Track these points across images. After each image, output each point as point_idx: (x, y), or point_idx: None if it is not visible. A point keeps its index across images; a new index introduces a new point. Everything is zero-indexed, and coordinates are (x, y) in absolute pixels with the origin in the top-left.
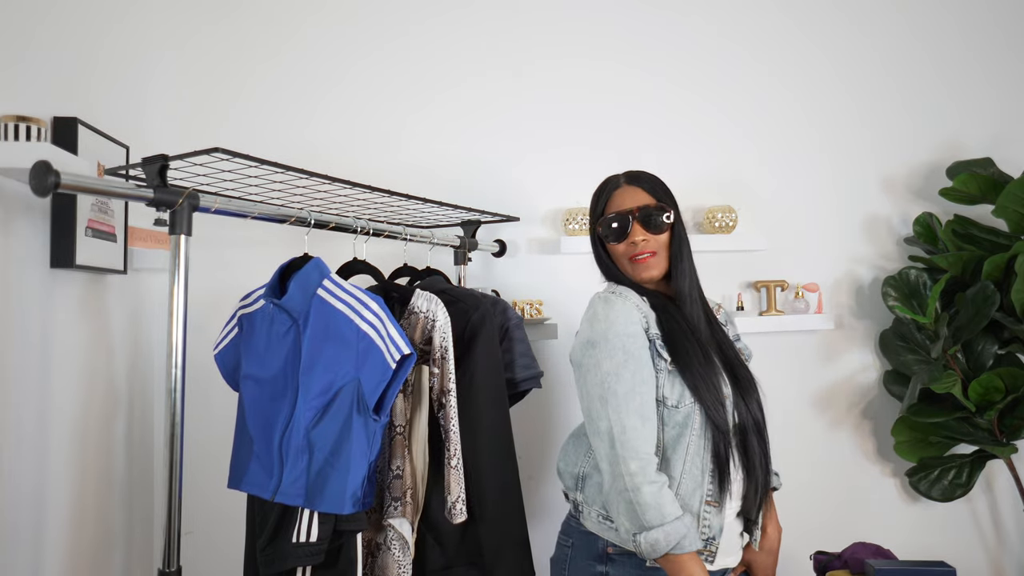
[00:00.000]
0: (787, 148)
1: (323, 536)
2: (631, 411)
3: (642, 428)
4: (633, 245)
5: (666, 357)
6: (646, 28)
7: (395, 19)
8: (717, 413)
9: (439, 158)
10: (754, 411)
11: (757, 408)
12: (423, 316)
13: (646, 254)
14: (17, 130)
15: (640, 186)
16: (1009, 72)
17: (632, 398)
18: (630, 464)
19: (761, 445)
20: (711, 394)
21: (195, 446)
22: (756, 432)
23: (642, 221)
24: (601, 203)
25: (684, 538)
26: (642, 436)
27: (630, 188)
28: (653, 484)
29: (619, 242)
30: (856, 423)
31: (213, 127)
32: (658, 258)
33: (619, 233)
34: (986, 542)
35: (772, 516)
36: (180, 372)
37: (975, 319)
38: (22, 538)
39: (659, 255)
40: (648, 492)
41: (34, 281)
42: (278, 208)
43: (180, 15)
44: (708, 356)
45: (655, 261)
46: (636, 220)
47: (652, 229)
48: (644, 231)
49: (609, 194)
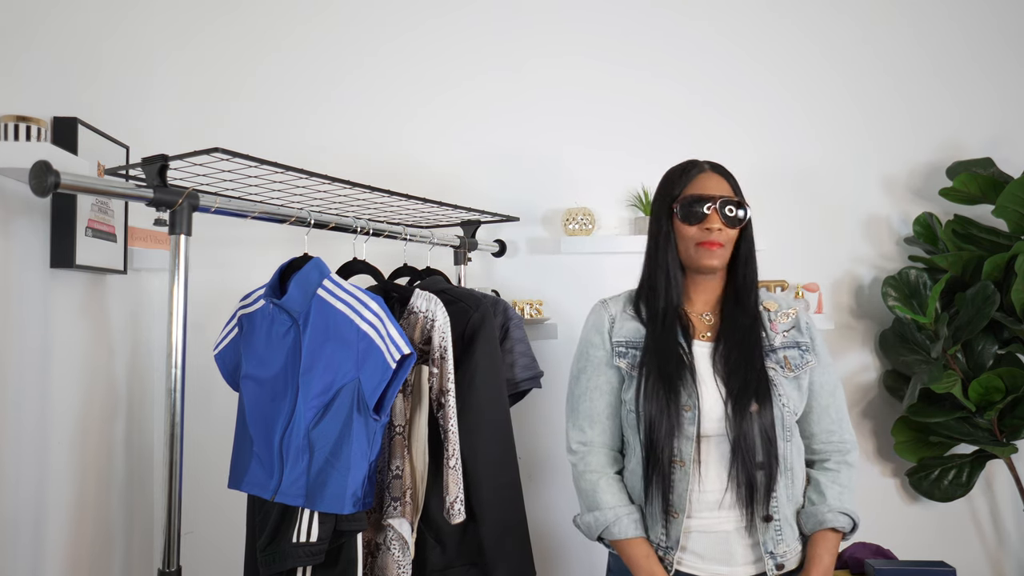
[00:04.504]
0: (787, 148)
1: (323, 536)
2: (580, 412)
3: (588, 428)
4: (707, 232)
5: (621, 365)
6: (646, 28)
7: (395, 19)
8: (653, 426)
9: (439, 157)
10: (744, 426)
11: (754, 426)
12: (422, 316)
13: (716, 244)
14: (17, 130)
15: (726, 178)
16: (1009, 72)
17: (583, 400)
18: (571, 456)
19: (747, 462)
20: (651, 404)
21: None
22: (744, 448)
23: (722, 211)
24: (683, 183)
25: (613, 524)
26: (587, 435)
27: (715, 176)
28: (593, 474)
29: (693, 224)
30: (856, 423)
31: (213, 127)
32: (723, 251)
33: (698, 216)
34: (986, 542)
35: (816, 560)
36: (180, 372)
37: (975, 319)
38: (22, 538)
39: (725, 248)
40: (586, 481)
41: (34, 281)
42: (278, 208)
43: (180, 16)
44: (667, 369)
45: (720, 252)
46: (716, 208)
47: (729, 222)
48: (721, 221)
49: (693, 176)
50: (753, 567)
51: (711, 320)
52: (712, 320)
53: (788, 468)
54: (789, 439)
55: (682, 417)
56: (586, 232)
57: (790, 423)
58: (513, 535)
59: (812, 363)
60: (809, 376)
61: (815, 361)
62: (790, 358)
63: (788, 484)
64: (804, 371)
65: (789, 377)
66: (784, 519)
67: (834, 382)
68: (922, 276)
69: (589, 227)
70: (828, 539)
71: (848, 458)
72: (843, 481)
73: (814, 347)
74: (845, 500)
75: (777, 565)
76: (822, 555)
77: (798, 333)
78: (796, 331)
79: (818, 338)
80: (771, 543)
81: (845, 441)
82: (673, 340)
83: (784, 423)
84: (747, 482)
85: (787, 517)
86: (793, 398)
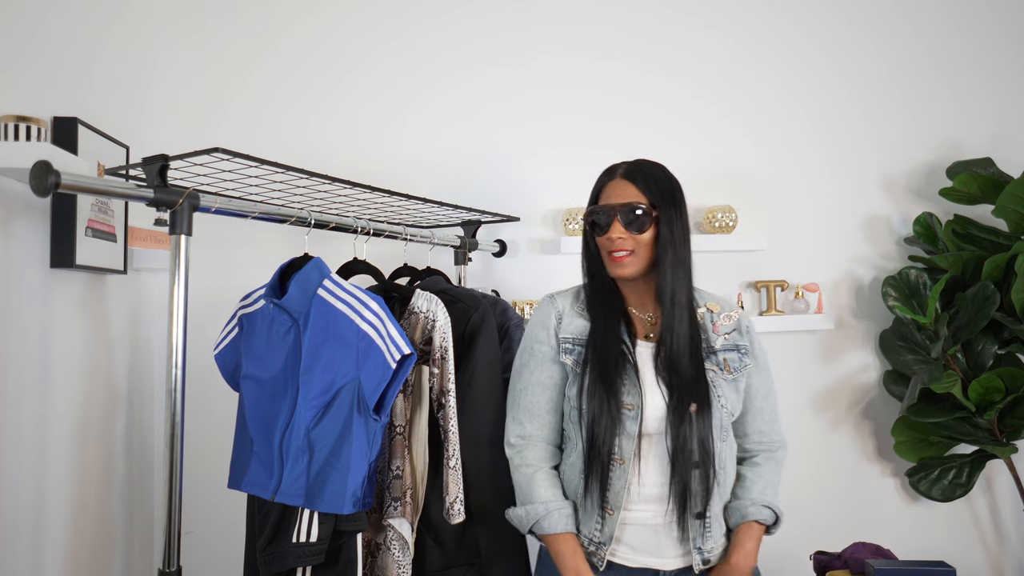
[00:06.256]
0: (787, 148)
1: (323, 536)
2: (521, 406)
3: (528, 422)
4: (610, 241)
5: (567, 362)
6: (646, 28)
7: (395, 18)
8: (595, 423)
9: (439, 158)
10: (683, 430)
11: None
12: (423, 316)
13: (622, 252)
14: (17, 130)
15: (634, 182)
16: (1009, 72)
17: (524, 395)
18: (508, 449)
19: (684, 461)
20: (594, 402)
21: (195, 446)
22: (683, 450)
23: (623, 219)
24: (594, 192)
25: (543, 519)
26: (526, 428)
27: (622, 183)
28: (529, 468)
29: (601, 235)
30: (856, 423)
31: (213, 127)
32: (635, 257)
33: (602, 227)
34: (986, 542)
35: (738, 545)
36: (180, 372)
37: (975, 319)
38: (22, 538)
39: (637, 254)
40: (521, 475)
41: (34, 281)
42: (278, 208)
43: (180, 15)
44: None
45: (630, 260)
46: (617, 217)
47: (632, 228)
48: (623, 229)
49: (602, 185)
50: (681, 560)
51: (653, 320)
52: (654, 320)
53: (721, 467)
54: (724, 439)
55: (624, 416)
56: None
57: (727, 424)
58: (511, 536)
59: (750, 366)
60: (746, 379)
61: (753, 364)
62: (729, 360)
63: (721, 483)
64: (742, 374)
65: (728, 379)
66: (714, 516)
67: (769, 385)
68: (922, 276)
69: None
70: (752, 529)
71: (776, 455)
72: (767, 476)
73: (752, 350)
74: (768, 494)
75: (704, 560)
76: (744, 541)
77: (739, 336)
78: (737, 333)
79: (756, 341)
80: (700, 539)
81: (775, 440)
82: (617, 339)
83: (722, 424)
84: (683, 481)
85: (716, 514)
86: (731, 400)
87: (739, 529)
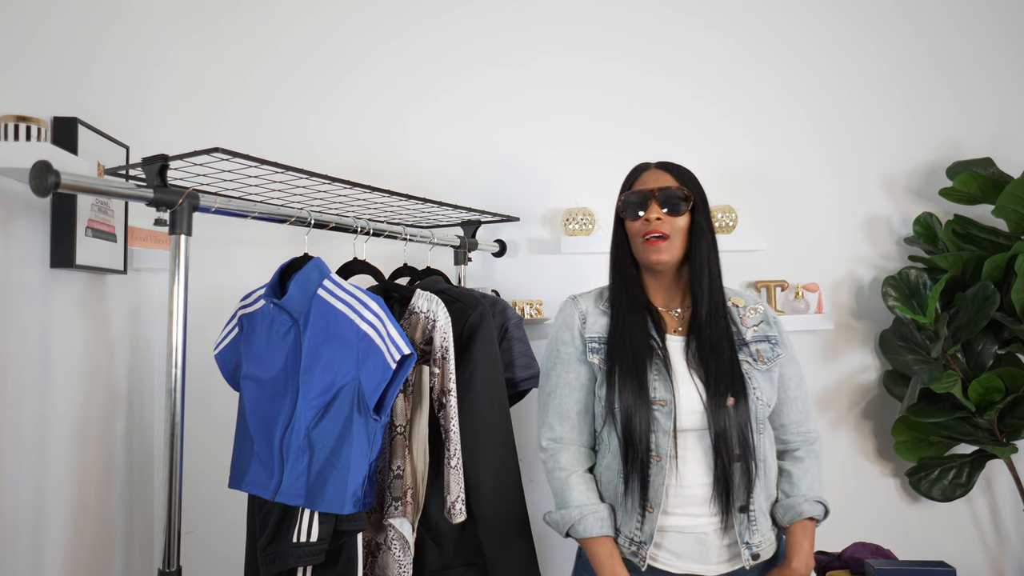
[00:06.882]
0: (787, 148)
1: (323, 536)
2: (551, 408)
3: (558, 425)
4: (647, 223)
5: (594, 361)
6: (646, 28)
7: (395, 18)
8: (630, 421)
9: (439, 158)
10: (721, 420)
11: (731, 419)
12: (424, 316)
13: (659, 234)
14: (17, 130)
15: (668, 171)
16: (1009, 72)
17: (553, 397)
18: (541, 453)
19: (724, 457)
20: (626, 399)
21: (195, 446)
22: (724, 442)
23: (660, 200)
24: (625, 184)
25: (578, 523)
26: (557, 431)
27: (657, 171)
28: (563, 472)
29: (635, 219)
30: (856, 423)
31: (213, 127)
32: (671, 243)
33: (636, 209)
34: (986, 542)
35: (797, 548)
36: (180, 372)
37: (975, 319)
38: (22, 538)
39: (672, 241)
40: (556, 479)
41: (34, 281)
42: (278, 208)
43: (180, 15)
44: (640, 363)
45: (667, 245)
46: (655, 199)
47: (670, 210)
48: (660, 210)
49: (637, 175)
50: (728, 565)
51: (681, 314)
52: (682, 314)
53: (762, 460)
54: (762, 431)
55: (658, 412)
56: (586, 232)
57: (763, 416)
58: (515, 536)
59: (782, 355)
60: (779, 368)
61: (784, 354)
62: (762, 351)
63: (762, 475)
64: (776, 363)
65: (762, 370)
66: (759, 509)
67: (800, 374)
68: (922, 276)
69: (589, 227)
70: (807, 528)
71: (815, 447)
72: (813, 471)
73: (782, 340)
74: (816, 488)
75: (753, 555)
76: (802, 542)
77: (767, 327)
78: (765, 324)
79: (784, 331)
80: (747, 534)
81: (811, 431)
82: (644, 334)
83: (758, 416)
84: (725, 476)
85: (762, 508)
86: (766, 391)
87: (794, 528)
